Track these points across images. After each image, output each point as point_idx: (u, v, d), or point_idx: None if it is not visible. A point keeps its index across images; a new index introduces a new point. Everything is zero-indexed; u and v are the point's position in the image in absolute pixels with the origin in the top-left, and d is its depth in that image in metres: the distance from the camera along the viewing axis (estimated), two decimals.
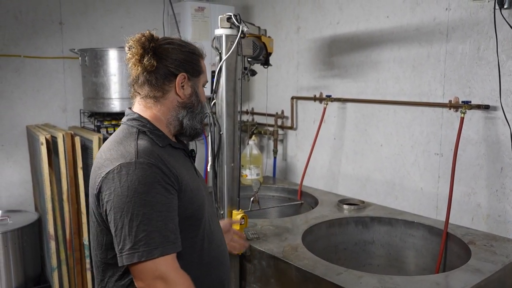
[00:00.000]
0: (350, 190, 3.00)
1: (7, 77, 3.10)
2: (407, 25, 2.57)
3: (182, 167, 1.39)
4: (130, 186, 1.24)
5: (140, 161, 1.27)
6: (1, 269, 2.76)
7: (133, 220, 1.22)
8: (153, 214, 1.23)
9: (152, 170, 1.27)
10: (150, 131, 1.40)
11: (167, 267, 1.23)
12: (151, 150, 1.33)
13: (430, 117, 2.51)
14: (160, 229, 1.23)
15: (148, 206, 1.23)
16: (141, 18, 3.57)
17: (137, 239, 1.21)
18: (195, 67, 1.47)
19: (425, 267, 2.29)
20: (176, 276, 1.24)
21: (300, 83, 3.36)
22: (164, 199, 1.26)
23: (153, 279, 1.22)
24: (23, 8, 3.10)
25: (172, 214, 1.28)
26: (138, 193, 1.23)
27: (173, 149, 1.44)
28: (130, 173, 1.25)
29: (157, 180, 1.26)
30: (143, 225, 1.22)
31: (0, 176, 3.14)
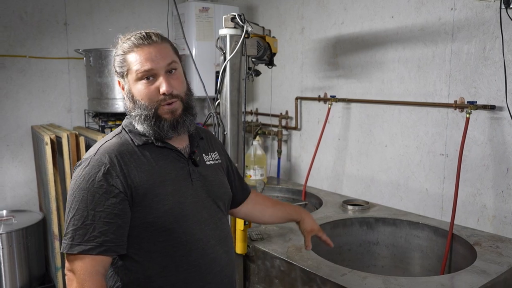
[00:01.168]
0: (354, 191, 2.99)
1: (12, 77, 3.11)
2: (412, 25, 2.56)
3: (151, 169, 1.33)
4: (77, 180, 1.28)
5: (95, 158, 1.29)
6: (5, 269, 2.77)
7: (69, 213, 1.26)
8: (85, 212, 1.24)
9: (100, 169, 1.27)
10: (131, 130, 1.38)
11: (80, 266, 1.22)
12: (112, 149, 1.31)
13: (435, 117, 2.49)
14: (88, 228, 1.23)
15: (83, 203, 1.24)
16: (146, 18, 3.58)
17: (67, 231, 1.25)
18: (117, 67, 1.39)
19: (430, 269, 2.28)
20: (86, 279, 1.22)
21: (304, 83, 3.36)
22: (103, 200, 1.25)
23: (68, 270, 1.25)
24: (28, 9, 3.12)
25: (109, 217, 1.25)
26: (80, 189, 1.26)
27: (157, 148, 1.38)
28: (82, 169, 1.29)
29: (101, 179, 1.26)
30: (74, 220, 1.24)
31: (5, 175, 3.15)
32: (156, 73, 1.33)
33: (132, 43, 1.34)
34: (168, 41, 1.41)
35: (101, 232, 1.23)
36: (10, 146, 3.15)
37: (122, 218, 1.27)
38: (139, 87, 1.34)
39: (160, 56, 1.34)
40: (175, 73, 1.38)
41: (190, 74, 3.37)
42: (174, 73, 1.38)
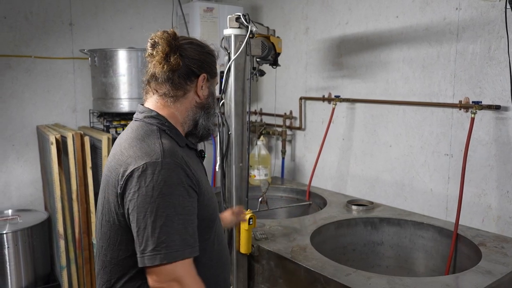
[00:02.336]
0: (359, 191, 2.99)
1: (18, 77, 3.13)
2: (416, 25, 2.55)
3: (198, 169, 1.38)
4: (155, 186, 1.21)
5: (167, 161, 1.25)
6: (11, 268, 2.78)
7: (156, 221, 1.20)
8: (175, 217, 1.22)
9: (177, 171, 1.25)
10: (170, 130, 1.38)
11: (184, 271, 1.22)
12: (175, 150, 1.31)
13: (440, 117, 2.49)
14: (181, 232, 1.22)
15: (171, 208, 1.22)
16: (150, 19, 3.59)
17: (159, 241, 1.19)
18: (213, 69, 1.47)
19: (434, 269, 2.27)
20: (192, 282, 1.24)
21: (308, 83, 3.36)
22: (185, 202, 1.25)
23: (169, 281, 1.21)
24: (34, 9, 3.13)
25: (192, 218, 1.27)
26: (162, 194, 1.21)
27: (189, 149, 1.43)
28: (156, 173, 1.22)
29: (181, 181, 1.25)
30: (166, 227, 1.20)
31: (11, 175, 3.16)
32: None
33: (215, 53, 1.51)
34: None
35: (189, 234, 1.24)
36: (16, 146, 3.17)
37: (196, 216, 1.29)
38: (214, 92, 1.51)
39: None
40: None
41: None
42: None
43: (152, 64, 1.39)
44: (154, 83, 1.41)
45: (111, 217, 1.32)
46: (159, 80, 1.39)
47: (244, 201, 2.04)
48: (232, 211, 1.91)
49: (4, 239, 2.74)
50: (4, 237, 2.74)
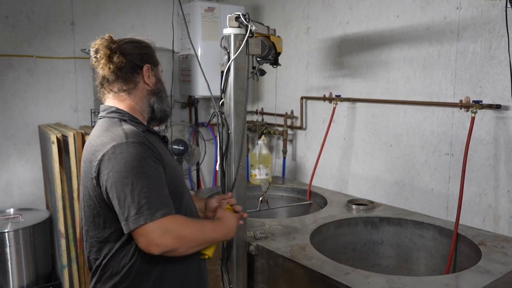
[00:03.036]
0: (359, 191, 2.99)
1: (20, 77, 3.14)
2: (417, 25, 2.55)
3: (162, 150, 1.55)
4: (126, 162, 1.39)
5: (131, 140, 1.43)
6: (13, 266, 2.79)
7: (134, 190, 1.36)
8: (150, 184, 1.39)
9: (142, 147, 1.43)
10: (130, 119, 1.56)
11: (169, 223, 1.38)
12: (137, 132, 1.49)
13: (440, 117, 2.48)
14: (158, 195, 1.39)
15: (144, 178, 1.39)
16: (151, 18, 3.59)
17: (140, 205, 1.35)
18: (153, 58, 1.67)
19: (435, 268, 2.27)
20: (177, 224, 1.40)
21: (309, 83, 3.36)
22: (155, 171, 1.43)
23: (161, 236, 1.35)
24: (35, 8, 3.14)
25: (163, 184, 1.44)
26: (134, 168, 1.39)
27: (150, 133, 1.59)
28: (124, 151, 1.40)
29: (148, 155, 1.43)
30: (143, 193, 1.36)
31: (12, 174, 3.18)
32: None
33: (153, 45, 1.71)
34: None
35: (165, 196, 1.41)
36: (18, 145, 3.18)
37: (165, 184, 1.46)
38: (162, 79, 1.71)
39: None
40: None
41: (195, 74, 3.39)
42: None
43: (99, 68, 1.57)
44: (107, 84, 1.60)
45: (91, 201, 1.49)
46: (110, 80, 1.58)
47: (245, 199, 2.04)
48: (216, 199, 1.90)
49: (6, 237, 2.75)
50: (5, 235, 2.75)
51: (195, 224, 1.49)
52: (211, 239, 1.56)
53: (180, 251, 1.42)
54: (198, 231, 1.48)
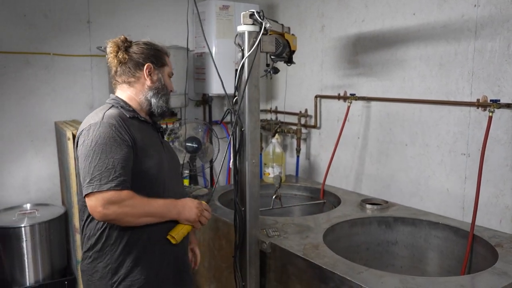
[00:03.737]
0: (373, 190, 2.96)
1: (37, 74, 3.18)
2: (434, 22, 2.52)
3: (142, 133, 1.75)
4: (93, 139, 1.64)
5: (104, 121, 1.67)
6: (29, 260, 2.83)
7: (91, 162, 1.60)
8: (106, 160, 1.60)
9: (111, 128, 1.65)
10: (121, 106, 1.79)
11: (113, 196, 1.58)
12: (115, 115, 1.71)
13: (457, 116, 2.45)
14: (110, 171, 1.59)
15: (103, 154, 1.61)
16: (166, 17, 3.61)
17: (93, 176, 1.59)
18: (158, 59, 1.87)
19: (450, 270, 2.24)
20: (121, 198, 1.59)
21: (324, 81, 3.34)
22: (117, 150, 1.63)
23: (104, 206, 1.57)
24: (52, 7, 3.18)
25: (122, 162, 1.62)
26: (97, 144, 1.62)
27: (139, 121, 1.81)
28: (95, 130, 1.65)
29: (114, 135, 1.64)
30: (98, 167, 1.59)
31: (29, 170, 3.22)
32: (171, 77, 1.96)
33: (166, 50, 1.93)
34: None
35: (120, 173, 1.60)
36: (34, 142, 3.22)
37: (130, 164, 1.66)
38: (168, 79, 1.92)
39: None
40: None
41: (209, 72, 3.40)
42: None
43: (108, 61, 1.85)
44: (115, 76, 1.86)
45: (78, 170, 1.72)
46: (117, 73, 1.85)
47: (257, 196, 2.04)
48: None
49: (22, 232, 2.79)
50: (22, 230, 2.79)
51: (141, 200, 1.64)
52: (156, 213, 1.69)
53: (125, 221, 1.63)
54: (142, 205, 1.65)
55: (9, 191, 3.16)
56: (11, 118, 3.12)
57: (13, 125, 3.13)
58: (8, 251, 2.80)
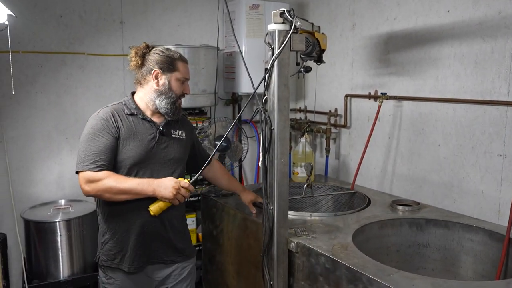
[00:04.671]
0: (405, 191, 2.91)
1: (72, 74, 3.27)
2: (469, 20, 2.45)
3: (130, 129, 2.05)
4: (87, 129, 2.03)
5: (98, 115, 2.04)
6: (63, 254, 2.91)
7: (80, 147, 2.00)
8: (91, 146, 1.97)
9: (101, 121, 2.01)
10: (125, 104, 2.12)
11: (90, 176, 1.94)
12: (109, 111, 2.05)
13: (493, 116, 2.37)
14: (93, 154, 1.95)
15: (91, 141, 1.98)
16: (197, 17, 3.65)
17: (79, 158, 1.98)
18: (168, 66, 2.10)
19: (484, 274, 2.17)
20: (98, 177, 1.93)
21: (354, 80, 3.30)
22: (101, 138, 1.98)
23: (84, 183, 1.96)
24: (87, 8, 3.26)
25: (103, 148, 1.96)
26: (88, 133, 2.00)
27: (136, 118, 2.09)
28: (90, 122, 2.04)
29: (102, 127, 1.99)
30: (83, 151, 1.98)
31: (64, 167, 3.32)
32: (186, 81, 2.18)
33: (179, 56, 2.14)
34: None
35: (100, 158, 1.96)
36: (69, 139, 3.32)
37: (113, 151, 2.00)
38: (176, 84, 2.13)
39: (189, 72, 2.20)
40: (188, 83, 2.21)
41: (239, 71, 3.41)
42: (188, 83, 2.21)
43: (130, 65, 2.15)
44: (135, 77, 2.17)
45: None
46: (135, 75, 2.15)
47: (286, 196, 2.03)
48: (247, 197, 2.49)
49: (57, 227, 2.88)
50: (57, 225, 2.88)
51: (117, 178, 1.95)
52: (131, 190, 1.96)
53: (105, 197, 1.97)
54: (118, 183, 1.94)
55: (45, 187, 3.27)
56: (48, 116, 3.23)
57: (50, 123, 3.24)
58: (43, 245, 2.89)
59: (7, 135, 3.10)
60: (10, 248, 3.10)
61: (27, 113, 3.16)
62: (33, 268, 2.95)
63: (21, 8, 3.02)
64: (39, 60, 3.15)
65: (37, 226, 2.89)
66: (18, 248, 3.06)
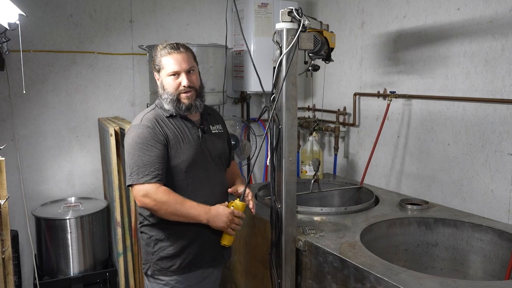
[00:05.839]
0: (413, 190, 2.90)
1: (82, 72, 3.30)
2: (479, 17, 2.43)
3: (176, 131, 1.99)
4: (133, 138, 1.94)
5: (142, 124, 1.96)
6: (73, 251, 2.94)
7: (132, 159, 1.91)
8: (142, 157, 1.90)
9: (147, 129, 1.93)
10: (160, 107, 2.04)
11: (150, 189, 1.88)
12: (152, 117, 1.98)
13: (503, 114, 2.35)
14: (147, 166, 1.89)
15: (141, 151, 1.90)
16: (206, 16, 3.65)
17: (132, 170, 1.91)
18: (157, 65, 2.03)
19: (494, 274, 2.16)
20: (156, 193, 1.87)
21: (363, 79, 3.29)
22: (152, 148, 1.91)
23: (142, 196, 1.89)
24: (97, 7, 3.29)
25: (156, 158, 1.90)
26: (136, 143, 1.92)
27: (177, 118, 2.03)
28: (135, 131, 1.95)
29: (149, 136, 1.92)
30: (137, 162, 1.90)
31: (74, 165, 3.35)
32: (180, 73, 1.99)
33: (167, 50, 1.99)
34: (190, 50, 2.06)
35: (155, 168, 1.89)
36: (79, 137, 3.35)
37: (165, 160, 1.93)
38: (168, 80, 2.00)
39: (183, 61, 1.99)
40: (193, 73, 2.03)
41: (248, 69, 3.42)
42: (192, 73, 2.03)
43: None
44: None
45: None
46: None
47: (294, 194, 2.04)
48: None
49: (68, 224, 2.91)
50: (67, 222, 2.91)
51: (175, 197, 1.89)
52: (187, 215, 1.91)
53: (160, 213, 1.90)
54: (175, 202, 1.88)
55: (55, 185, 3.30)
56: (59, 114, 3.26)
57: (60, 121, 3.27)
58: (54, 242, 2.93)
59: (18, 133, 3.14)
60: (22, 244, 3.14)
61: (38, 111, 3.19)
62: (44, 265, 2.99)
63: (32, 8, 3.05)
64: (49, 59, 3.18)
65: (48, 223, 2.93)
66: (30, 245, 3.10)
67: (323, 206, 2.71)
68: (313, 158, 2.84)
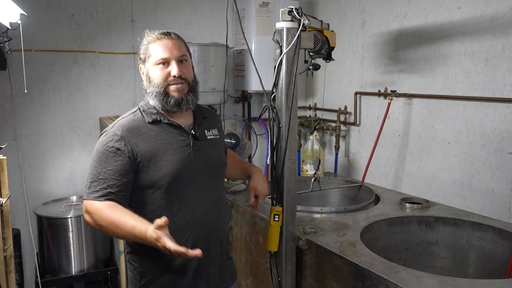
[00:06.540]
0: (414, 189, 2.90)
1: (83, 72, 3.31)
2: (480, 16, 2.43)
3: (156, 140, 1.67)
4: (97, 145, 1.66)
5: (111, 130, 1.66)
6: (74, 250, 2.96)
7: (90, 169, 1.64)
8: (99, 168, 1.61)
9: (114, 138, 1.63)
10: (144, 110, 1.73)
11: (89, 206, 1.59)
12: (126, 124, 1.68)
13: (504, 113, 2.35)
14: (100, 181, 1.60)
15: (99, 162, 1.62)
16: (207, 15, 3.66)
17: (87, 182, 1.63)
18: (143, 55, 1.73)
19: (494, 273, 2.16)
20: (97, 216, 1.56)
21: (364, 78, 3.29)
22: (111, 161, 1.61)
23: (84, 212, 1.62)
24: (98, 7, 3.30)
25: (113, 174, 1.60)
26: (97, 151, 1.64)
27: (162, 125, 1.71)
28: (101, 137, 1.67)
29: (113, 146, 1.62)
30: (92, 174, 1.62)
31: (76, 164, 3.36)
32: (169, 61, 1.68)
33: (155, 36, 1.70)
34: (182, 40, 1.77)
35: (108, 185, 1.59)
36: (81, 136, 3.36)
37: (126, 177, 1.62)
38: (155, 70, 1.69)
39: (174, 48, 1.69)
40: (185, 63, 1.73)
41: (249, 68, 3.42)
42: (185, 64, 1.72)
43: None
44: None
45: None
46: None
47: (294, 193, 2.04)
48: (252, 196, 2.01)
49: (69, 223, 2.93)
50: (69, 221, 2.92)
51: (109, 217, 1.54)
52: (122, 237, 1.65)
53: (104, 231, 1.59)
54: (109, 223, 1.54)
55: (57, 184, 3.31)
56: (60, 114, 3.27)
57: (61, 120, 3.28)
58: (55, 240, 2.94)
59: (20, 133, 3.15)
60: (24, 243, 3.16)
61: (40, 110, 3.20)
62: (45, 263, 3.00)
63: (34, 8, 3.06)
64: (51, 59, 3.20)
65: (49, 222, 2.94)
66: (31, 244, 3.11)
67: (324, 204, 2.72)
68: (314, 157, 2.85)
